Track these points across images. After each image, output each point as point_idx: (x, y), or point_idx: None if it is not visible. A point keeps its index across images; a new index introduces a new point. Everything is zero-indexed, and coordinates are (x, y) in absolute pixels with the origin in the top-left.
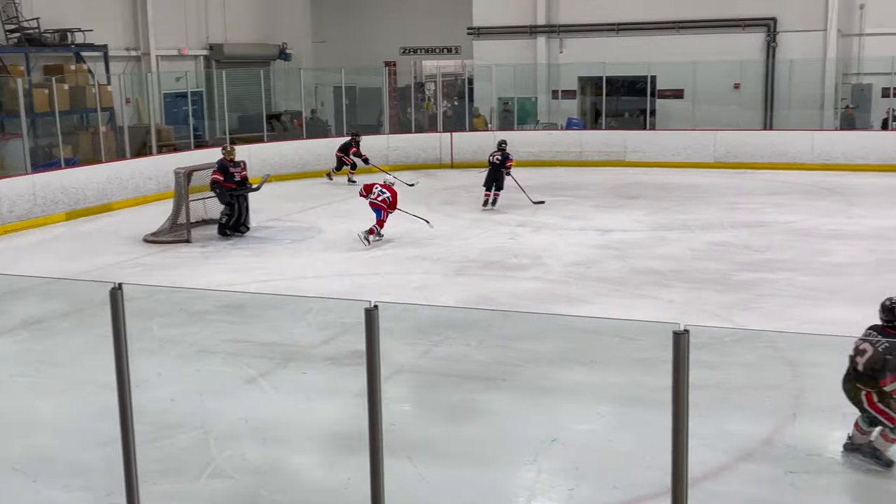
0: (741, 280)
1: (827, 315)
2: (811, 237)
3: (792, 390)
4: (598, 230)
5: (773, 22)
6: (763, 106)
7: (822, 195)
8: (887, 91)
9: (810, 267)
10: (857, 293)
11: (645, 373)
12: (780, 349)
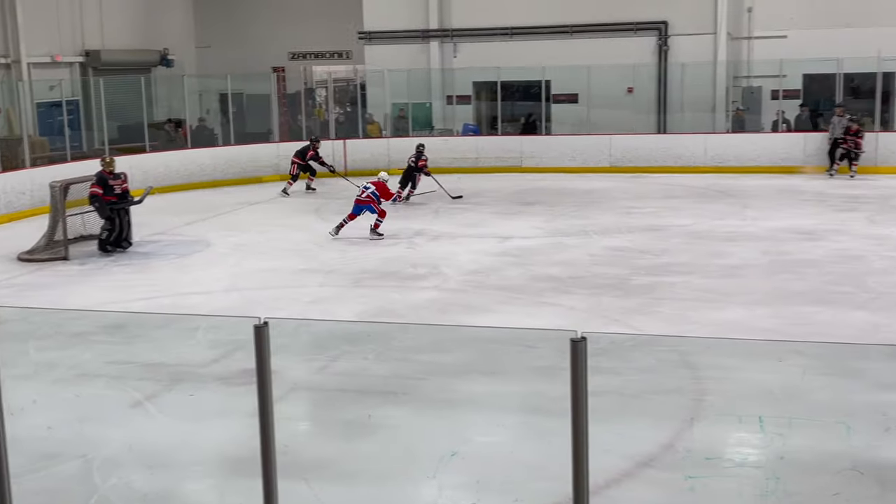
0: (640, 284)
1: (724, 317)
2: (707, 240)
3: (692, 394)
4: (496, 237)
5: (665, 25)
6: (656, 109)
7: (717, 198)
8: (776, 93)
9: (707, 269)
10: (752, 295)
11: (546, 381)
12: (681, 353)
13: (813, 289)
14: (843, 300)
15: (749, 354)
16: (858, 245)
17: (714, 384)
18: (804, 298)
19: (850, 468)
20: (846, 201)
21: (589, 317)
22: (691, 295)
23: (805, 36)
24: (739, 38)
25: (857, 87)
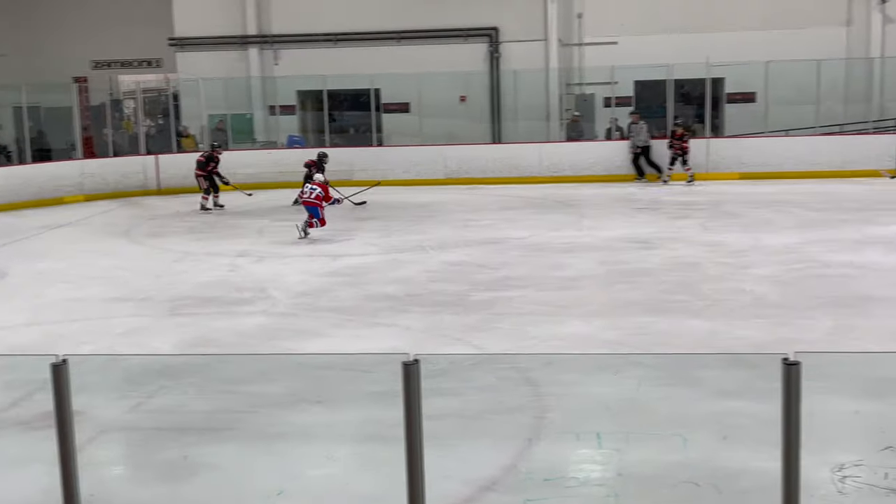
0: (479, 300)
1: (564, 330)
2: (545, 252)
3: (533, 412)
4: (327, 256)
5: (495, 32)
6: (490, 118)
7: (554, 208)
8: (609, 101)
9: (545, 282)
10: (590, 306)
11: (383, 407)
12: (521, 370)
13: (650, 298)
14: (679, 308)
15: (589, 368)
16: (693, 252)
17: (555, 401)
18: (642, 308)
19: (687, 480)
20: (680, 208)
21: (427, 336)
22: (530, 309)
23: (636, 42)
24: (570, 44)
25: (687, 93)
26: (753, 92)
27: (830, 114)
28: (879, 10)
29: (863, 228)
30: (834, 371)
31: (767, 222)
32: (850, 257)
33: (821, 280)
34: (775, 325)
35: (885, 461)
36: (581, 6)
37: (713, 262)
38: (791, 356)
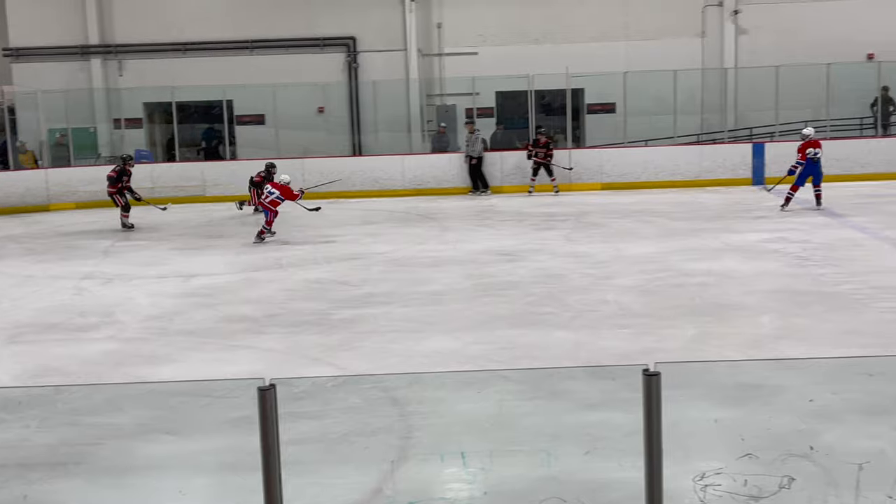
0: (341, 318)
1: (428, 346)
2: (409, 266)
3: (400, 432)
4: (180, 276)
5: (353, 41)
6: (350, 130)
7: (417, 222)
8: (471, 111)
9: (409, 298)
10: (456, 321)
11: (243, 434)
12: (387, 389)
13: (516, 311)
14: (546, 321)
15: (456, 385)
16: (558, 264)
17: (421, 420)
18: (508, 322)
19: (554, 496)
20: (544, 220)
21: (288, 358)
22: (394, 326)
23: (496, 52)
24: (430, 54)
25: (548, 103)
26: (613, 102)
27: (688, 124)
28: (732, 21)
29: (721, 236)
30: (696, 379)
31: (629, 232)
32: (710, 265)
33: (682, 289)
34: (639, 335)
35: (745, 468)
36: (440, 16)
37: (578, 274)
38: (651, 366)
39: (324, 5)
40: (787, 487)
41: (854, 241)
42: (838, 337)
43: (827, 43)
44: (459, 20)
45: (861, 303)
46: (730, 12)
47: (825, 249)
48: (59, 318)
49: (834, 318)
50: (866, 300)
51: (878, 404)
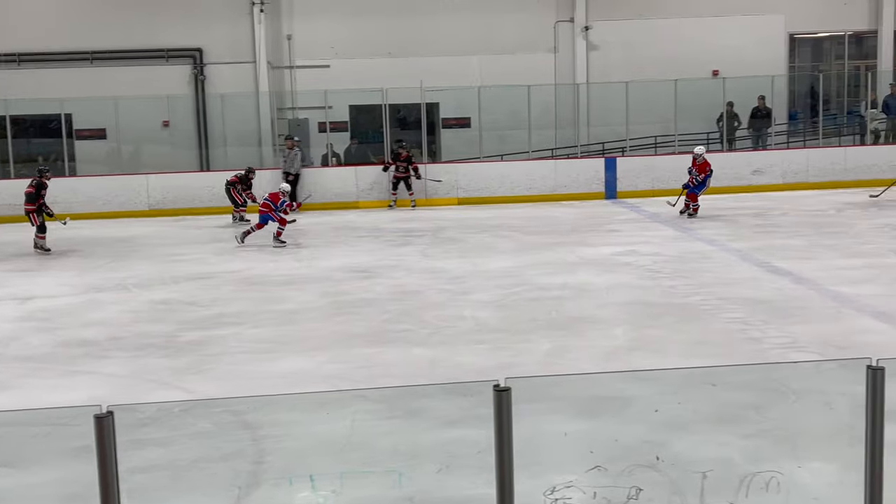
0: (189, 340)
1: (282, 367)
2: (261, 285)
3: (252, 456)
4: (15, 299)
5: (200, 53)
6: (197, 145)
7: (270, 238)
8: (324, 125)
9: (261, 318)
10: (311, 341)
11: (86, 464)
12: (238, 412)
13: (373, 329)
14: (403, 338)
15: (310, 406)
16: (414, 280)
17: (274, 443)
18: (365, 340)
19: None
20: (401, 236)
21: (134, 382)
22: (245, 347)
23: (349, 65)
24: (281, 67)
25: (403, 117)
26: (468, 117)
27: (542, 138)
28: (583, 36)
29: (576, 250)
30: (550, 393)
31: (486, 247)
32: (565, 279)
33: (538, 303)
34: (496, 350)
35: (594, 481)
36: (290, 28)
37: (435, 290)
38: (502, 382)
39: (169, 16)
40: (634, 498)
41: (703, 253)
42: (688, 347)
43: (674, 59)
44: (311, 32)
45: (709, 313)
46: (581, 28)
47: (675, 262)
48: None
49: (684, 328)
50: (714, 311)
51: (725, 413)
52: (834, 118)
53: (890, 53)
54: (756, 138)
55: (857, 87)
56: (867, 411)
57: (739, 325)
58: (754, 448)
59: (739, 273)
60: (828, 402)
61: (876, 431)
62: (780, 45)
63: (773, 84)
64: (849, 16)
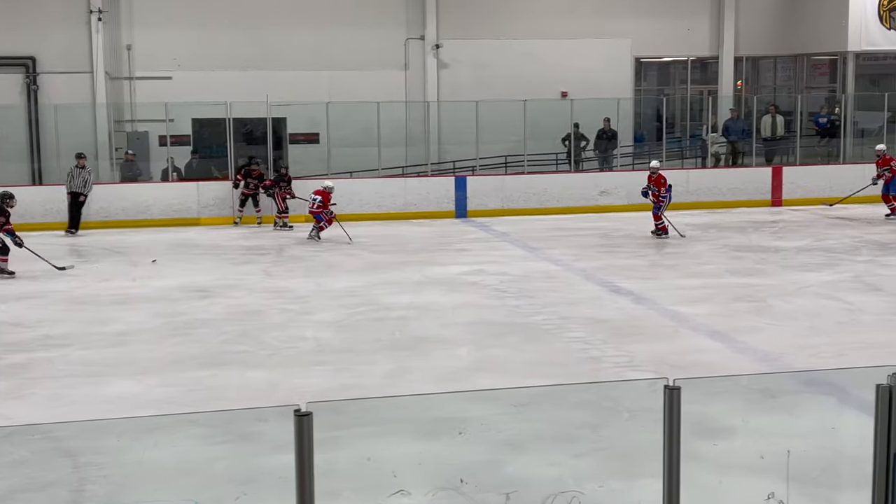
0: (11, 363)
1: (110, 391)
2: (91, 305)
3: (72, 484)
4: None
5: (33, 62)
6: (29, 157)
7: (103, 256)
8: (164, 139)
9: (89, 339)
10: (141, 364)
11: None
12: (58, 439)
13: (208, 350)
14: (240, 360)
15: (138, 432)
16: (256, 300)
17: (97, 470)
18: (199, 362)
19: None
20: (243, 254)
21: None
22: (71, 370)
23: (193, 78)
24: (120, 78)
25: (250, 131)
26: (317, 133)
27: (393, 156)
28: (434, 55)
29: (423, 269)
30: (392, 414)
31: (332, 266)
32: (411, 298)
33: (382, 323)
34: (336, 371)
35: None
36: (130, 38)
37: (276, 310)
38: (303, 406)
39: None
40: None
41: (548, 272)
42: (530, 367)
43: (524, 80)
44: (152, 42)
45: (551, 333)
46: (431, 46)
47: (521, 281)
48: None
49: (526, 348)
50: (556, 330)
51: (561, 432)
52: (678, 141)
53: (730, 79)
54: (602, 159)
55: (700, 110)
56: (664, 427)
57: (580, 345)
58: (582, 466)
59: (583, 292)
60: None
61: (673, 446)
62: (627, 68)
63: (619, 106)
64: (692, 42)
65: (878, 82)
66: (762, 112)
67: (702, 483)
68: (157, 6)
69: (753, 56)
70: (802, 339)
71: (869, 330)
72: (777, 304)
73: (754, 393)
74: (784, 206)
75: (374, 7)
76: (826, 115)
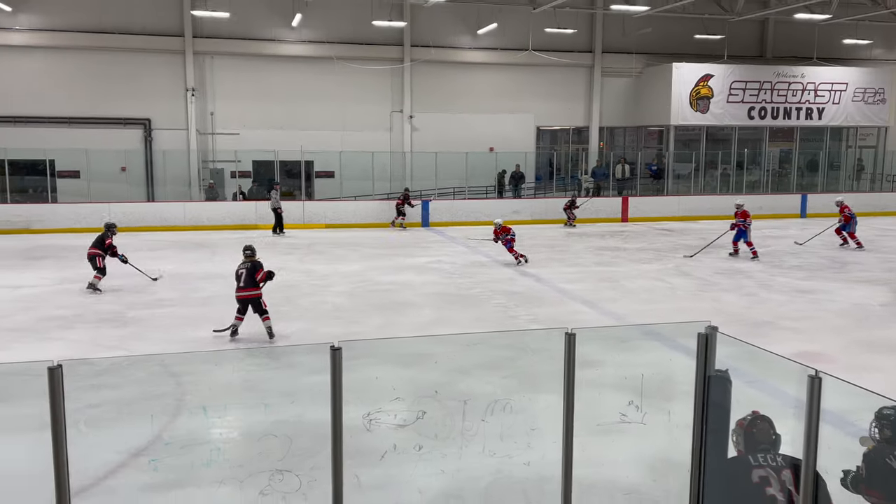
0: (136, 316)
1: (200, 336)
2: (186, 279)
3: (175, 395)
4: (7, 287)
5: (149, 122)
6: (146, 183)
7: (193, 248)
8: (234, 173)
9: (187, 301)
10: (219, 317)
11: None
12: (166, 365)
13: None
14: (284, 315)
15: (217, 360)
16: (293, 277)
17: (192, 386)
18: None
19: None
20: (287, 249)
21: (90, 346)
22: (175, 322)
23: (253, 133)
24: (206, 133)
25: (290, 169)
26: (332, 171)
27: (381, 187)
28: (409, 122)
29: (401, 260)
30: (385, 350)
31: (343, 257)
32: (394, 278)
33: (375, 293)
34: (347, 323)
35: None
36: (213, 106)
37: (306, 284)
38: (336, 343)
39: (126, 96)
40: (421, 418)
41: (481, 263)
42: (471, 323)
43: (466, 139)
44: (227, 110)
45: (483, 300)
46: (407, 116)
47: (464, 268)
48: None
49: (468, 310)
50: (487, 299)
51: (492, 363)
52: (563, 179)
53: (596, 140)
54: (514, 190)
55: (577, 160)
56: (565, 357)
57: (502, 308)
58: (507, 384)
59: (503, 275)
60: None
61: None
62: (531, 132)
63: (526, 157)
64: (572, 117)
65: (688, 144)
66: (616, 161)
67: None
68: (230, 87)
69: (611, 126)
70: (642, 306)
71: (682, 300)
72: (626, 283)
73: (612, 340)
74: (629, 222)
75: (370, 91)
76: (656, 164)
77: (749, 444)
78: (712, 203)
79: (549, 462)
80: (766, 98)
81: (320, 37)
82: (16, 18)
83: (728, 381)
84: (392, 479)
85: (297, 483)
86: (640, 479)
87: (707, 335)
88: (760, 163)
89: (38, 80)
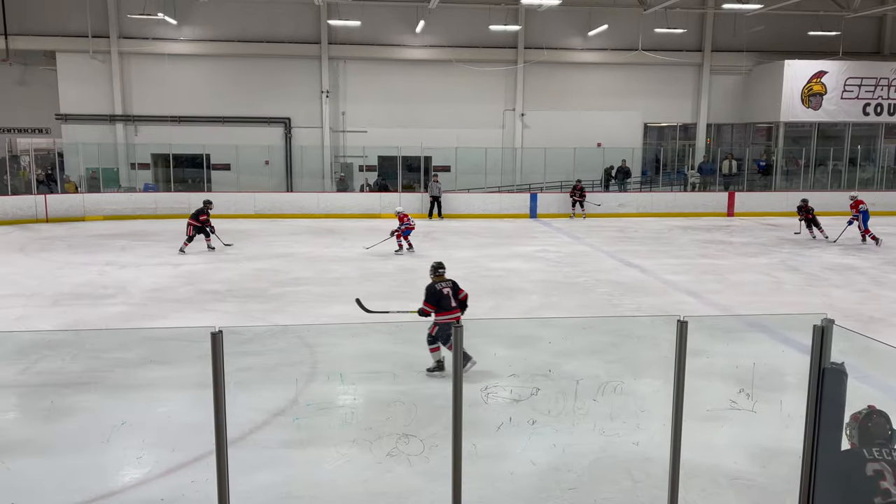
0: (275, 293)
1: (331, 311)
2: (320, 261)
3: (309, 364)
4: (171, 265)
5: (289, 121)
6: (286, 175)
7: (325, 234)
8: (362, 167)
9: (320, 281)
10: (349, 295)
11: (207, 366)
12: (302, 337)
13: (386, 291)
14: (405, 296)
15: (344, 334)
16: (413, 262)
17: (324, 355)
18: (381, 297)
19: (397, 400)
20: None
21: (239, 317)
22: (310, 298)
23: (379, 132)
24: (338, 130)
25: (410, 164)
26: (449, 165)
27: (493, 180)
28: (520, 120)
29: (511, 248)
30: (495, 331)
31: (456, 244)
32: (503, 265)
33: (487, 278)
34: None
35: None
36: (344, 107)
37: (424, 269)
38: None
39: (270, 97)
40: (535, 394)
41: (586, 253)
42: (575, 308)
43: (574, 135)
44: (357, 110)
45: (588, 288)
46: (519, 115)
47: (570, 257)
48: (87, 290)
49: (574, 297)
50: (592, 287)
51: (596, 348)
52: (669, 175)
53: (703, 137)
54: (621, 185)
55: (684, 156)
56: (676, 345)
57: (607, 296)
58: (611, 368)
59: (608, 265)
60: (657, 343)
61: (681, 362)
62: (638, 129)
63: (633, 153)
64: (680, 114)
65: (798, 141)
66: (723, 158)
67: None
68: (359, 90)
69: (718, 123)
70: (746, 298)
71: (788, 294)
72: (730, 276)
73: (717, 330)
74: (735, 217)
75: (485, 91)
76: (764, 160)
77: (864, 438)
78: (822, 199)
79: (655, 444)
80: (883, 94)
81: (441, 41)
82: (180, 30)
83: (843, 374)
84: (506, 449)
85: (420, 447)
86: (746, 465)
87: (823, 327)
88: (875, 159)
89: (197, 85)
